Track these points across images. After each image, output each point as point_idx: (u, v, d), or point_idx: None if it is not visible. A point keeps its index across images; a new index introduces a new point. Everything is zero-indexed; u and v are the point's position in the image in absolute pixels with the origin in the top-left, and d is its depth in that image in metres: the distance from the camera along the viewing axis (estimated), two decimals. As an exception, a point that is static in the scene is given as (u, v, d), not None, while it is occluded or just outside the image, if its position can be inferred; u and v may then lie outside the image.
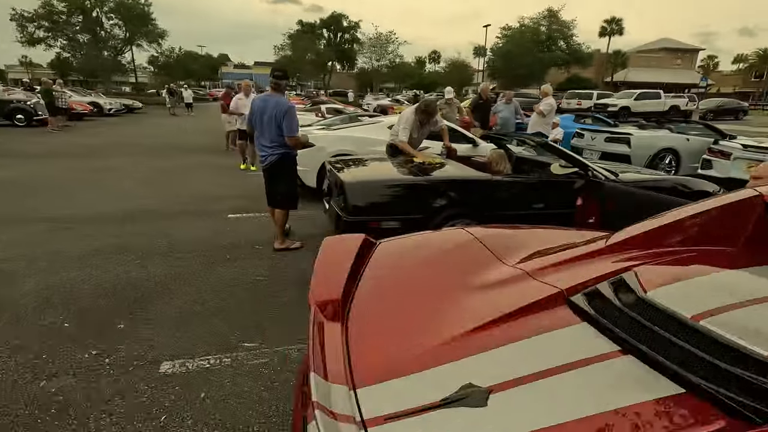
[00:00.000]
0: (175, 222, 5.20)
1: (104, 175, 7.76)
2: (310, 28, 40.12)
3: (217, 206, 5.93)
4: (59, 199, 6.07)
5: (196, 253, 4.21)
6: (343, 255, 1.59)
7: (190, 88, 26.97)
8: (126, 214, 5.45)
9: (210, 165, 9.28)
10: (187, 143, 12.78)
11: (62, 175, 7.68)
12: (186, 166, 8.95)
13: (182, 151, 11.08)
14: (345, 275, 1.46)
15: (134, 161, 9.36)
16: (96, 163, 9.07)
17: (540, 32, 38.16)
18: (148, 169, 8.46)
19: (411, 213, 3.48)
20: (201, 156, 10.45)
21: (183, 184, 7.33)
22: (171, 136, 14.70)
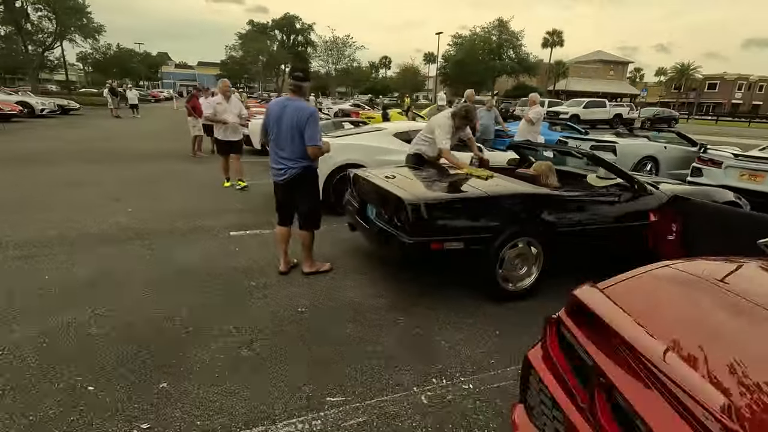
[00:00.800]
0: (170, 242, 4.54)
1: (63, 188, 6.76)
2: (262, 28, 38.74)
3: (211, 222, 5.29)
4: (14, 218, 5.14)
5: (213, 282, 3.63)
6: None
7: (134, 88, 24.89)
8: (105, 234, 4.69)
9: (180, 173, 8.44)
10: (146, 149, 11.64)
11: (10, 189, 6.59)
12: (154, 176, 8.06)
13: (143, 158, 10.04)
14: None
15: (92, 170, 8.30)
16: (47, 172, 7.93)
17: (491, 41, 39.46)
18: (112, 180, 7.51)
19: (478, 232, 3.17)
20: (166, 163, 9.50)
21: (159, 196, 6.54)
22: (124, 140, 13.37)
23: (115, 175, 7.95)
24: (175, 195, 6.66)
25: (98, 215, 5.33)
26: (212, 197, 6.63)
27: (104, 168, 8.56)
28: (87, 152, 10.49)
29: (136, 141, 13.28)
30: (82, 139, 13.01)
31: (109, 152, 10.67)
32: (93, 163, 9.01)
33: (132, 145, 12.33)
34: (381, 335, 2.91)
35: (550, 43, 54.95)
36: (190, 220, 5.35)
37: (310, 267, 3.84)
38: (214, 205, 6.14)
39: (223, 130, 7.03)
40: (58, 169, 8.28)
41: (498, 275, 3.32)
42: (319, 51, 35.42)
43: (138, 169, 8.67)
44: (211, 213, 5.72)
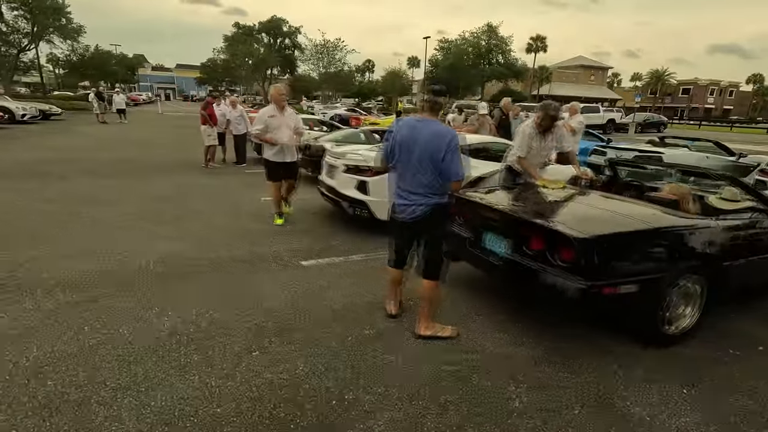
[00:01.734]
0: (241, 277, 3.92)
1: (81, 207, 6.00)
2: (249, 31, 37.73)
3: (270, 248, 4.68)
4: (45, 249, 4.41)
5: (320, 331, 3.05)
6: None
7: (121, 92, 23.66)
8: (164, 267, 4.03)
9: (203, 188, 7.74)
10: (151, 159, 10.82)
11: (23, 211, 5.80)
12: (175, 191, 7.35)
13: (153, 170, 9.26)
14: None
15: (104, 185, 7.51)
16: (53, 188, 7.11)
17: (480, 46, 39.57)
18: (130, 197, 6.77)
19: (654, 271, 2.72)
20: (181, 176, 8.76)
21: (192, 216, 5.87)
22: (121, 149, 12.46)
23: (131, 191, 7.20)
24: (209, 214, 6.00)
25: (138, 243, 4.65)
26: (251, 216, 6.00)
27: (116, 183, 7.77)
28: (88, 163, 9.62)
29: (135, 150, 12.39)
30: (76, 148, 12.05)
31: (112, 163, 9.82)
32: (101, 177, 8.19)
33: (133, 155, 11.46)
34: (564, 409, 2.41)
35: (533, 49, 55.65)
36: (246, 245, 4.73)
37: (427, 328, 3.01)
38: (260, 226, 5.51)
39: (274, 150, 5.48)
40: (66, 184, 7.46)
41: (661, 318, 2.88)
42: (309, 54, 34.72)
43: (153, 183, 7.92)
44: (262, 236, 5.10)
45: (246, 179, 8.74)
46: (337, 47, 34.58)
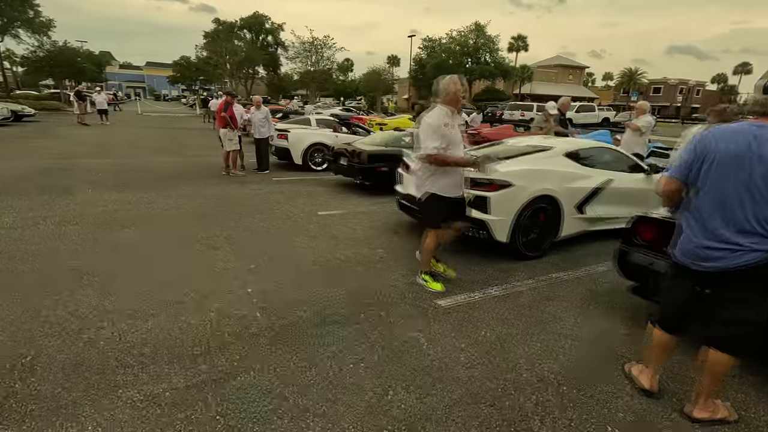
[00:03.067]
0: (377, 331, 3.01)
1: (113, 232, 4.90)
2: (230, 27, 35.96)
3: (386, 279, 3.78)
4: (89, 296, 3.37)
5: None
6: None
7: (103, 92, 21.78)
8: (277, 318, 3.07)
9: (244, 200, 6.69)
10: (159, 166, 9.61)
11: (41, 234, 4.66)
12: (216, 205, 6.29)
13: (172, 179, 8.10)
14: None
15: (124, 199, 6.36)
16: (64, 205, 5.93)
17: (469, 45, 39.21)
18: (161, 214, 5.70)
19: None
20: (207, 185, 7.66)
21: (256, 238, 4.89)
22: (118, 153, 11.12)
23: (158, 207, 6.10)
24: (273, 238, 5.01)
25: (212, 283, 3.66)
26: (326, 237, 5.05)
27: (134, 197, 6.63)
28: (89, 173, 8.37)
29: (134, 155, 11.09)
30: (67, 154, 10.65)
31: (117, 172, 8.60)
32: (113, 190, 7.01)
33: (135, 161, 10.20)
34: None
35: (515, 48, 55.93)
36: (352, 276, 3.82)
37: (705, 410, 2.24)
38: (351, 250, 4.57)
39: (453, 179, 3.57)
40: (75, 201, 6.27)
41: None
42: (295, 52, 33.34)
43: (178, 196, 6.81)
44: (365, 262, 4.19)
45: (282, 188, 7.73)
46: (326, 45, 33.46)
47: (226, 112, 8.49)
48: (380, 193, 7.46)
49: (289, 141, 9.60)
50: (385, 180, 7.39)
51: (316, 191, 7.67)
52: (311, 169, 9.79)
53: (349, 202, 6.87)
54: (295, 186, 8.06)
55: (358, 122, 17.40)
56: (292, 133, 9.65)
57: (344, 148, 7.82)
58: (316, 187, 7.99)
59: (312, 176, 9.25)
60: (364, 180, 7.38)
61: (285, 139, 9.63)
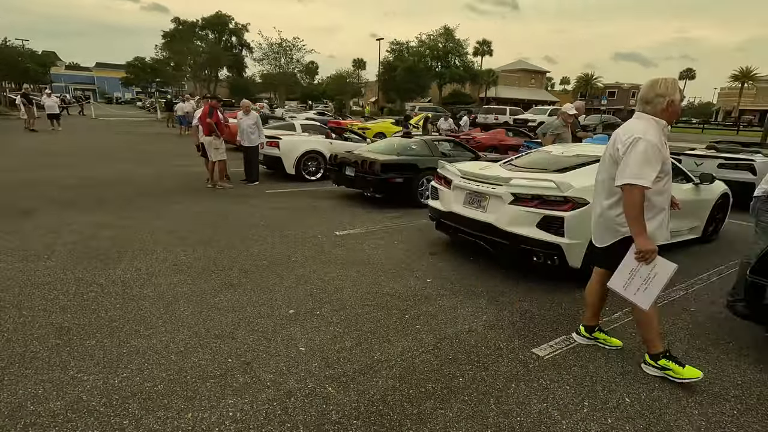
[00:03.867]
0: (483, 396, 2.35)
1: (89, 268, 3.98)
2: (192, 27, 34.05)
3: (460, 324, 3.12)
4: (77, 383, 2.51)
5: None
6: None
7: (53, 95, 19.74)
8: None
9: (247, 219, 5.82)
10: (131, 178, 8.50)
11: (5, 276, 3.67)
12: (213, 228, 5.41)
13: (151, 195, 7.09)
14: None
15: (99, 223, 5.34)
16: (28, 230, 4.87)
17: (439, 48, 39.20)
18: (152, 240, 4.78)
19: None
20: (196, 201, 6.72)
21: (293, 268, 4.10)
22: (84, 165, 9.82)
23: (145, 230, 5.16)
24: (297, 263, 4.23)
25: (254, 334, 2.87)
26: (363, 265, 4.33)
27: (116, 217, 5.63)
28: (52, 188, 7.20)
29: (99, 166, 9.84)
30: (18, 166, 9.28)
31: (85, 187, 7.46)
32: (86, 210, 5.97)
33: (102, 173, 9.01)
34: None
35: (480, 52, 56.75)
36: (419, 320, 3.13)
37: None
38: (397, 283, 3.87)
39: (659, 220, 2.55)
40: (41, 224, 5.21)
41: None
42: (263, 53, 31.84)
43: (168, 214, 5.87)
44: (421, 298, 3.50)
45: (282, 203, 6.90)
46: (296, 46, 32.31)
47: (212, 118, 7.55)
48: (392, 206, 6.81)
49: (280, 149, 8.74)
50: (399, 192, 6.75)
51: (322, 206, 6.89)
52: (305, 179, 8.98)
53: (363, 219, 6.15)
54: (295, 200, 7.24)
55: (337, 127, 16.63)
56: (284, 141, 8.79)
57: (349, 157, 7.10)
58: (320, 201, 7.20)
59: (308, 187, 8.45)
60: (375, 192, 6.69)
61: (276, 147, 8.77)
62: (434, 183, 4.87)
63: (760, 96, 66.60)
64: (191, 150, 13.78)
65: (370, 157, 6.68)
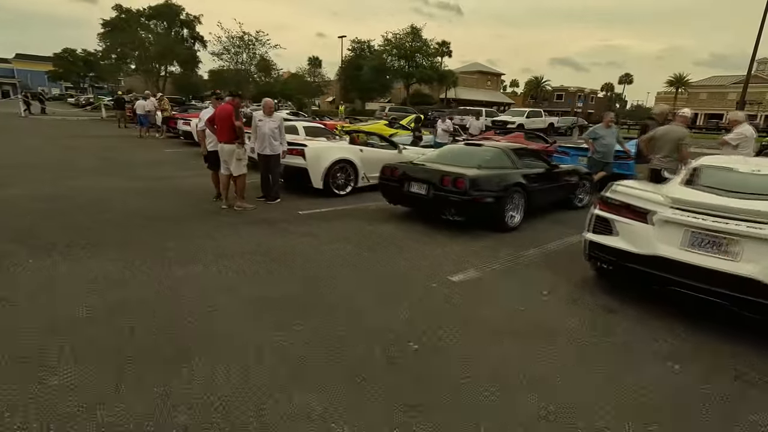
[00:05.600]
0: None
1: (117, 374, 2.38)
2: (136, 16, 30.45)
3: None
4: None
5: None
6: None
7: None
8: None
9: (310, 253, 4.28)
10: (118, 199, 6.55)
11: None
12: (283, 277, 3.85)
13: (159, 223, 5.29)
14: None
15: (104, 275, 3.62)
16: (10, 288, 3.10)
17: (406, 48, 38.25)
18: (196, 303, 3.19)
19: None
20: (224, 232, 5.04)
21: (444, 354, 2.70)
22: (43, 178, 7.62)
23: (169, 284, 3.53)
24: (462, 338, 2.85)
25: None
26: (529, 339, 3.01)
27: (114, 263, 3.89)
28: (13, 217, 5.21)
29: (66, 178, 7.69)
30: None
31: (60, 212, 5.51)
32: (73, 251, 4.15)
33: (74, 186, 6.95)
34: None
35: (440, 53, 56.61)
36: None
37: None
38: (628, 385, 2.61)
39: None
40: (10, 280, 3.42)
41: None
42: (222, 47, 29.07)
43: (188, 254, 4.20)
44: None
45: (334, 231, 5.37)
46: (259, 40, 29.83)
47: (239, 122, 5.83)
48: (472, 230, 5.52)
49: (306, 158, 7.15)
50: (486, 214, 5.48)
51: (386, 233, 5.44)
52: (333, 194, 7.44)
53: (460, 252, 4.79)
54: (344, 225, 5.73)
55: (326, 128, 14.98)
56: (310, 148, 7.20)
57: (417, 170, 5.70)
58: (378, 226, 5.74)
59: (342, 204, 6.94)
60: (456, 215, 5.37)
61: (300, 155, 7.16)
62: (602, 212, 3.64)
63: (691, 100, 72.01)
64: (165, 156, 11.74)
65: (452, 172, 5.33)
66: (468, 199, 5.16)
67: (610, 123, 8.44)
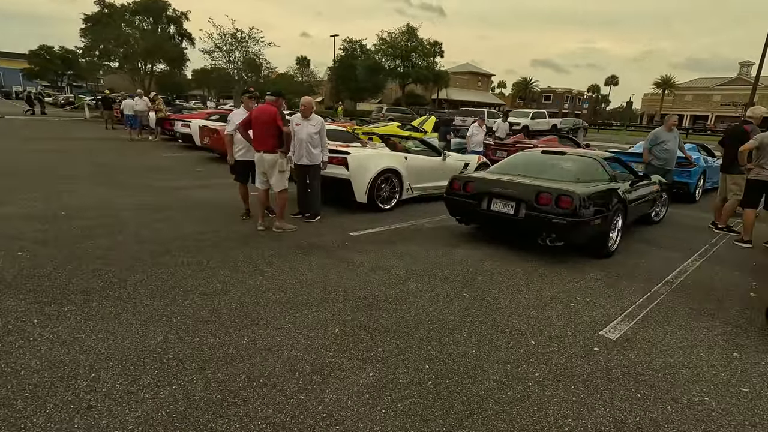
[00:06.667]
0: None
1: None
2: (120, 12, 28.68)
3: None
4: None
5: None
6: None
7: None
8: None
9: (399, 296, 3.29)
10: (134, 219, 5.40)
11: None
12: (399, 338, 2.84)
13: (191, 257, 4.20)
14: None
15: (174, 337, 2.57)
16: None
17: (402, 47, 37.35)
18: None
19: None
20: (274, 262, 3.99)
21: None
22: (35, 191, 6.39)
23: (279, 344, 2.50)
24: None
25: None
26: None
27: (186, 331, 2.84)
28: (3, 252, 4.06)
29: (61, 191, 6.48)
30: None
31: (62, 240, 4.36)
32: (94, 310, 3.08)
33: (74, 204, 5.77)
34: None
35: (432, 53, 55.94)
36: None
37: None
38: None
39: None
40: (11, 379, 2.34)
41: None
42: (213, 44, 27.55)
43: (265, 303, 3.16)
44: None
45: (402, 259, 4.35)
46: (252, 38, 28.41)
47: (279, 122, 4.75)
48: (566, 254, 4.58)
49: (349, 168, 6.11)
50: (595, 238, 4.55)
51: (479, 264, 4.42)
52: (377, 208, 6.43)
53: (585, 294, 3.84)
54: (414, 251, 4.71)
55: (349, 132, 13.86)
56: (353, 156, 6.16)
57: (502, 185, 4.72)
58: (456, 251, 4.74)
59: (395, 222, 5.94)
60: (557, 239, 4.42)
61: (342, 164, 6.12)
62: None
63: (677, 102, 72.99)
64: (165, 161, 10.53)
65: (552, 188, 4.37)
66: (577, 221, 4.20)
67: (672, 126, 7.62)
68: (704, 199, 8.95)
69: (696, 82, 73.20)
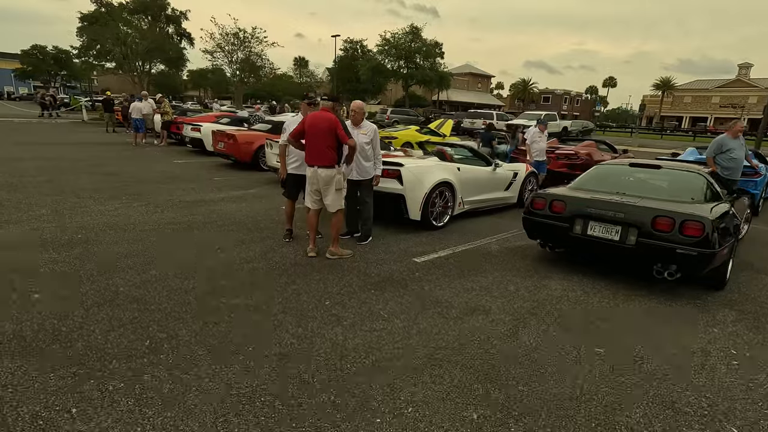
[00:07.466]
0: None
1: None
2: (118, 10, 27.69)
3: None
4: None
5: None
6: None
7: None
8: None
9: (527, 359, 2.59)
10: (152, 237, 4.65)
11: None
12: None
13: (240, 298, 3.47)
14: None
15: None
16: None
17: (408, 48, 36.70)
18: None
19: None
20: (347, 301, 3.28)
21: None
22: (40, 208, 5.62)
23: None
24: None
25: None
26: None
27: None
28: (13, 293, 3.30)
29: (69, 208, 5.71)
30: None
31: (86, 278, 3.61)
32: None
33: (88, 224, 5.01)
34: None
35: (434, 55, 55.39)
36: None
37: None
38: None
39: None
40: None
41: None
42: (214, 44, 26.64)
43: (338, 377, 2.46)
44: None
45: (491, 294, 3.65)
46: (255, 37, 27.49)
47: (340, 131, 4.03)
48: (691, 288, 3.90)
49: (403, 182, 5.39)
50: (719, 270, 3.87)
51: (587, 301, 3.74)
52: (431, 226, 5.72)
53: (735, 347, 3.16)
54: (497, 282, 4.01)
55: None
56: (407, 169, 5.44)
57: (601, 204, 4.03)
58: (548, 283, 4.05)
59: (458, 243, 5.23)
60: (678, 271, 3.73)
61: (395, 178, 5.39)
62: None
63: (675, 103, 72.98)
64: (177, 169, 9.77)
65: (674, 211, 3.68)
66: (711, 252, 3.51)
67: (739, 132, 6.96)
68: (763, 211, 8.34)
69: (695, 84, 73.23)
